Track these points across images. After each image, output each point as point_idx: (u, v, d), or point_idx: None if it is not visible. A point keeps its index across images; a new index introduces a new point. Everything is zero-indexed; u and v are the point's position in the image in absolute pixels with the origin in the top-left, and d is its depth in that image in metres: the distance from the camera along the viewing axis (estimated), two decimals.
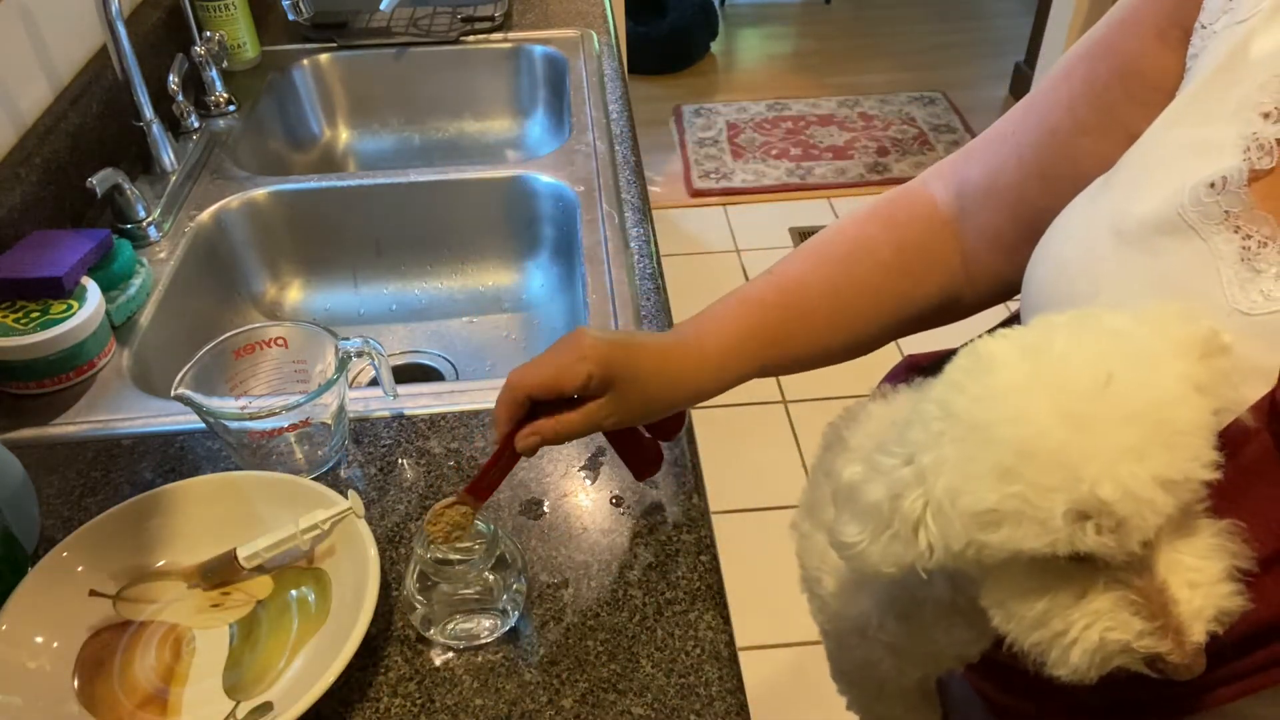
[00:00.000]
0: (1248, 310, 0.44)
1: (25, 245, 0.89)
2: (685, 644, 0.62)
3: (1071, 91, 0.58)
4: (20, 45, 1.02)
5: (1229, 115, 0.47)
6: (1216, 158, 0.47)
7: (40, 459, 0.77)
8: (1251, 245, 0.45)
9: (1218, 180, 0.46)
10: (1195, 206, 0.47)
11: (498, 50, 1.47)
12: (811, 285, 0.66)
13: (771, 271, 0.67)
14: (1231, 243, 0.46)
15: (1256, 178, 0.46)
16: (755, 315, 0.64)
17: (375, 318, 1.21)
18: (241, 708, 0.59)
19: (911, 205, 0.68)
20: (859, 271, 0.66)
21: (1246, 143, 0.46)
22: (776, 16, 4.27)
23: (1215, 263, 0.46)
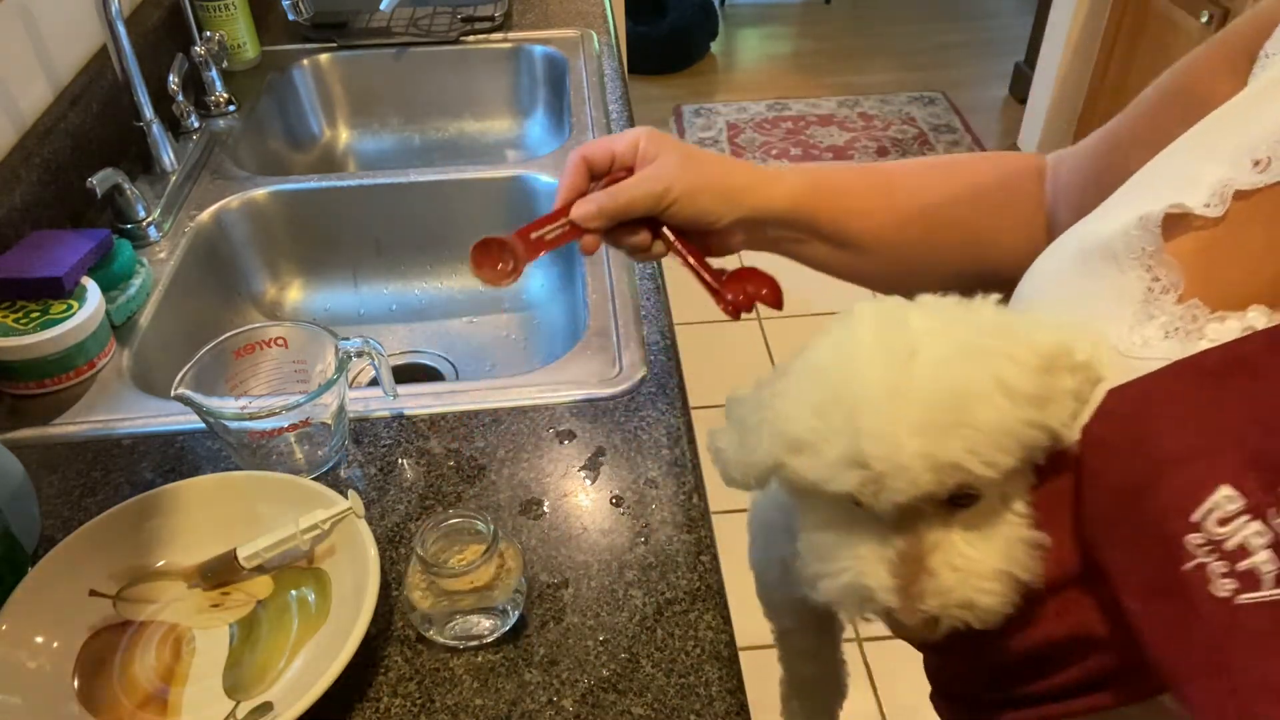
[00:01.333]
0: (1125, 351, 0.46)
1: (25, 245, 0.89)
2: (685, 644, 0.62)
3: (1142, 105, 0.58)
4: (20, 45, 1.02)
5: (1228, 154, 0.46)
6: (1184, 194, 0.46)
7: (40, 459, 0.77)
8: (1155, 289, 0.46)
9: (1147, 215, 0.47)
10: (1124, 238, 0.47)
11: (498, 50, 1.47)
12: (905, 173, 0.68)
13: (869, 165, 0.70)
14: (1141, 281, 0.47)
15: (1196, 224, 0.46)
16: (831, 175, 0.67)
17: (375, 318, 1.21)
18: (241, 708, 0.59)
19: (1022, 165, 0.68)
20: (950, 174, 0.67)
21: (1218, 187, 0.45)
22: (776, 16, 4.27)
23: (1124, 297, 0.47)
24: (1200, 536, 0.38)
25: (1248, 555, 0.37)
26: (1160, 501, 0.40)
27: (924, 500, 0.43)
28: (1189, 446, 0.40)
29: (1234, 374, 0.40)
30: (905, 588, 0.44)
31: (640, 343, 0.87)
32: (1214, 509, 0.38)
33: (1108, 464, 0.43)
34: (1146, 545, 0.41)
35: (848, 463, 0.43)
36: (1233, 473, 0.38)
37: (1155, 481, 0.41)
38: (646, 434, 0.78)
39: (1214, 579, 0.38)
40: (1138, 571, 0.41)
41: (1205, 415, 0.40)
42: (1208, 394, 0.41)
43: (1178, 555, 0.39)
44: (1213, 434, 0.40)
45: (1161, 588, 0.40)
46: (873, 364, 0.44)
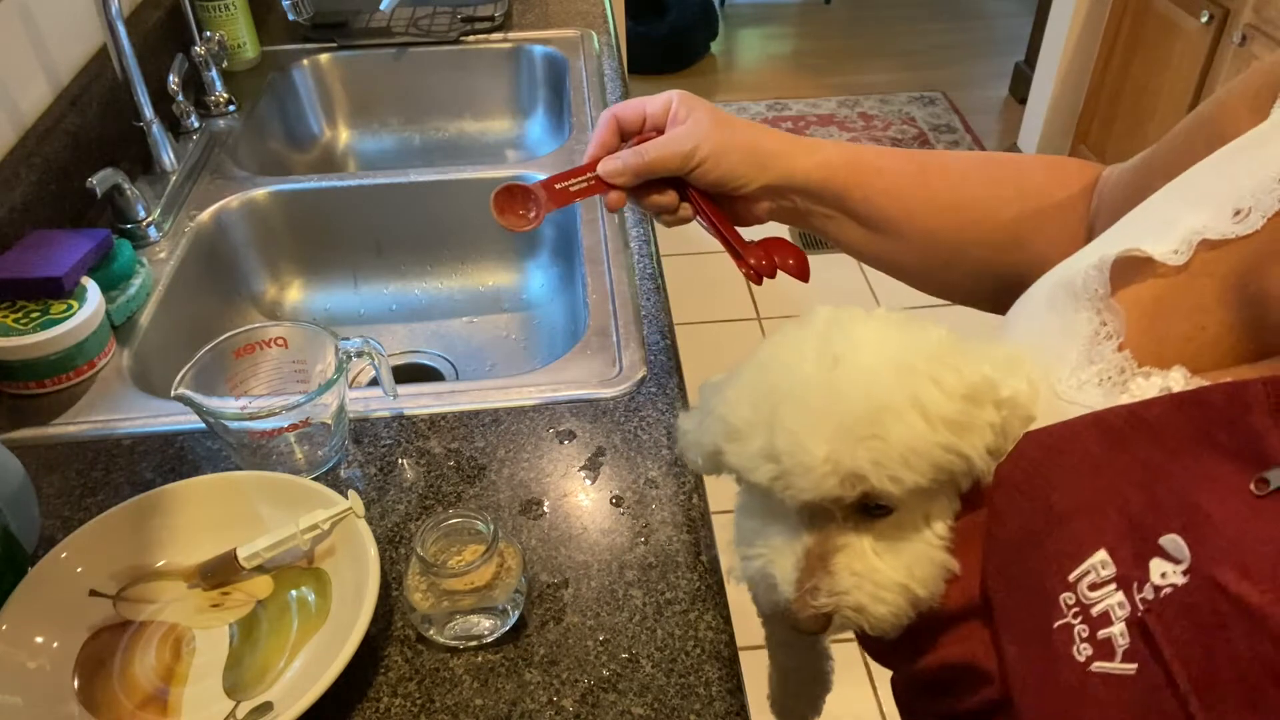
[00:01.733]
0: (1061, 393, 0.46)
1: (25, 245, 0.89)
2: (685, 644, 0.62)
3: (1174, 136, 0.56)
4: (20, 45, 1.02)
5: (1214, 200, 0.45)
6: (1159, 238, 0.45)
7: (40, 459, 0.77)
8: (1101, 334, 0.46)
9: (1103, 257, 0.46)
10: (1084, 276, 0.47)
11: (498, 50, 1.47)
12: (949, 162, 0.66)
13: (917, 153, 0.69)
14: (1091, 323, 0.47)
15: (1159, 270, 0.45)
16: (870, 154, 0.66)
17: (375, 318, 1.21)
18: (241, 708, 0.59)
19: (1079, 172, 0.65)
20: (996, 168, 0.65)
21: (1191, 234, 0.44)
22: (776, 16, 4.27)
23: (1073, 337, 0.47)
24: (1072, 596, 0.39)
25: (1108, 625, 0.38)
26: (1045, 555, 0.41)
27: (833, 503, 0.45)
28: (1078, 504, 0.41)
29: (1133, 436, 0.40)
30: (802, 581, 0.46)
31: (640, 343, 0.87)
32: (1089, 572, 0.39)
33: (1009, 506, 0.44)
34: (1027, 594, 0.42)
35: (764, 455, 0.44)
36: (1112, 537, 0.39)
37: (1044, 534, 0.42)
38: (646, 434, 0.78)
39: (1076, 641, 0.39)
40: (1016, 617, 0.42)
41: (1100, 474, 0.41)
42: (1106, 452, 0.41)
43: (1051, 611, 0.40)
44: (1101, 494, 0.40)
45: (1033, 638, 0.41)
46: (804, 364, 0.45)
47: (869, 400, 0.43)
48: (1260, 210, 0.43)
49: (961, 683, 0.47)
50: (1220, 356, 0.43)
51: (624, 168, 0.64)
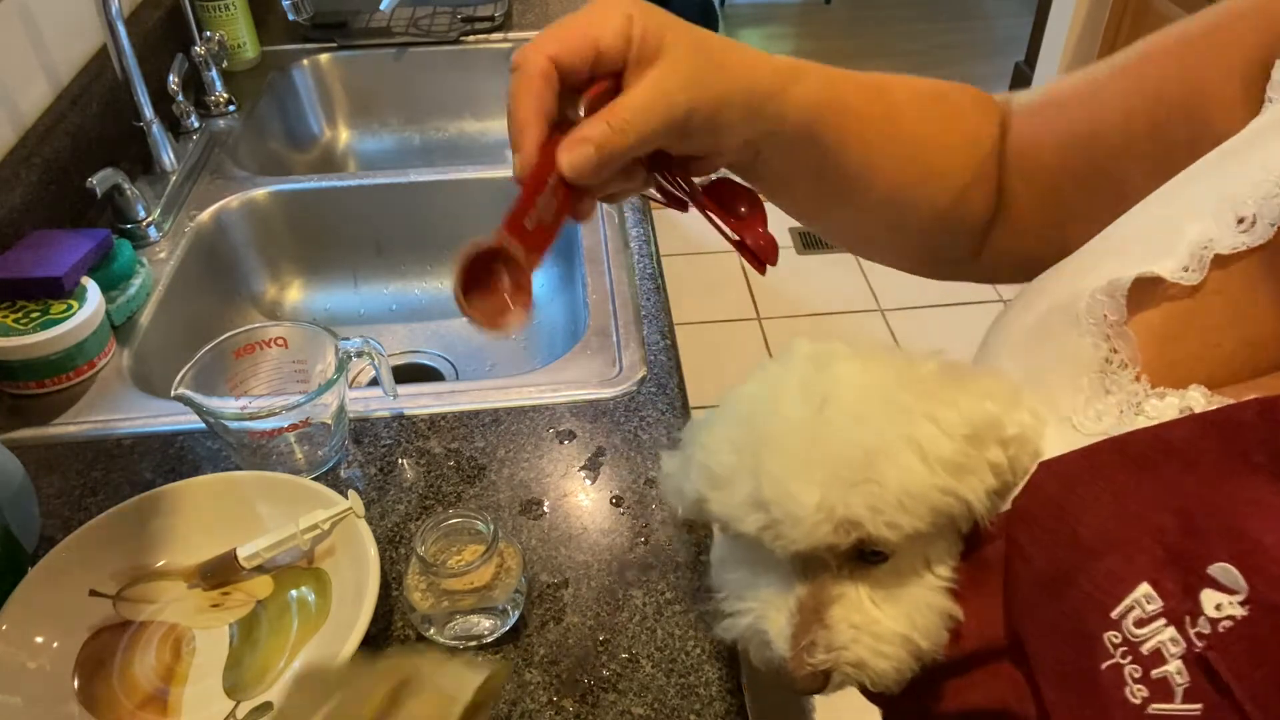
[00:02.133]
0: (1077, 425, 0.44)
1: (25, 245, 0.89)
2: (685, 644, 0.62)
3: (1134, 96, 0.50)
4: (20, 45, 1.02)
5: (1211, 205, 0.42)
6: (1163, 255, 0.43)
7: (40, 459, 0.77)
8: (1113, 362, 0.43)
9: (1115, 280, 0.43)
10: (1090, 301, 0.44)
11: (498, 50, 1.47)
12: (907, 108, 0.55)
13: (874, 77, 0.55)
14: (1099, 350, 0.44)
15: (1171, 292, 0.42)
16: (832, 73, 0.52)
17: (375, 318, 1.21)
18: (241, 708, 0.59)
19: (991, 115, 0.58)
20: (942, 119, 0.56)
21: (1198, 249, 0.41)
22: (776, 16, 4.27)
23: (1081, 366, 0.44)
24: (1118, 635, 0.37)
25: (1162, 663, 0.35)
26: (1081, 592, 0.38)
27: (826, 551, 0.42)
28: (1108, 536, 0.38)
29: (1159, 461, 0.38)
30: (797, 637, 0.43)
31: (640, 343, 0.87)
32: (1133, 608, 0.37)
33: (1033, 542, 0.41)
34: (1065, 635, 0.39)
35: (751, 504, 0.42)
36: (1152, 570, 0.37)
37: (1077, 570, 0.39)
38: (646, 434, 0.78)
39: (1129, 683, 0.36)
40: (1055, 659, 0.40)
41: (1127, 502, 0.38)
42: (1130, 479, 0.39)
43: (1095, 651, 0.37)
44: (1132, 524, 0.38)
45: (1077, 682, 0.38)
46: (788, 406, 0.43)
47: (860, 443, 0.40)
48: (1267, 218, 0.40)
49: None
50: (1235, 371, 0.41)
51: (599, 156, 0.43)
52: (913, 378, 0.44)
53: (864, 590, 0.43)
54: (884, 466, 0.40)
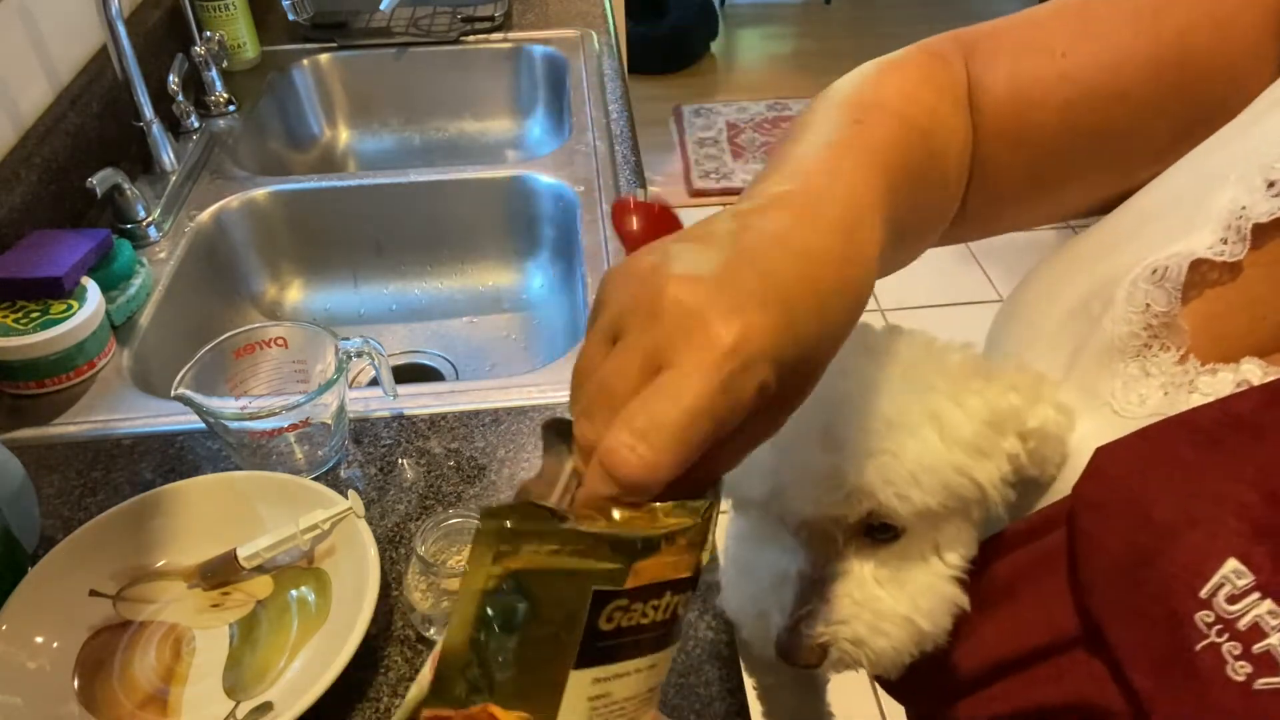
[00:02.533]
0: (1119, 410, 0.43)
1: (25, 245, 0.89)
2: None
3: (1158, 44, 0.45)
4: (20, 45, 1.02)
5: (1238, 173, 0.41)
6: (1195, 230, 0.41)
7: (40, 459, 0.77)
8: (1154, 346, 0.43)
9: (1160, 268, 0.42)
10: (1130, 288, 0.43)
11: (498, 50, 1.47)
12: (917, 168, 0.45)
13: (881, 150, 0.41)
14: (1137, 338, 0.43)
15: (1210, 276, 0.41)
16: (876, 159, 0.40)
17: (375, 318, 1.21)
18: (241, 708, 0.59)
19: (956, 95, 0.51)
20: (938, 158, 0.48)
21: (1231, 219, 0.40)
22: (776, 16, 4.27)
23: (1114, 352, 0.44)
24: (1210, 614, 0.36)
25: (1263, 637, 0.35)
26: (1164, 574, 0.37)
27: (833, 523, 0.42)
28: (1185, 514, 0.38)
29: (1231, 434, 0.38)
30: (797, 608, 0.42)
31: None
32: (1223, 584, 0.36)
33: (1103, 528, 0.40)
34: (1153, 620, 0.38)
35: (760, 470, 0.41)
36: (1238, 544, 0.36)
37: (1156, 551, 0.38)
38: None
39: (1228, 661, 0.35)
40: (1145, 647, 0.38)
41: (1201, 479, 0.38)
42: (1201, 454, 0.38)
43: (1188, 634, 0.36)
44: (1210, 499, 0.37)
45: (1172, 667, 0.37)
46: None
47: (881, 414, 0.40)
48: None
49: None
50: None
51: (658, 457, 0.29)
52: (940, 362, 0.44)
53: (869, 568, 0.43)
54: (902, 439, 0.40)
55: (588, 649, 0.31)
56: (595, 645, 0.31)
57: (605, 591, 0.31)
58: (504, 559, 0.30)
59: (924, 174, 0.44)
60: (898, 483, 0.40)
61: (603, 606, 0.31)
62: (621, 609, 0.31)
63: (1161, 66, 0.45)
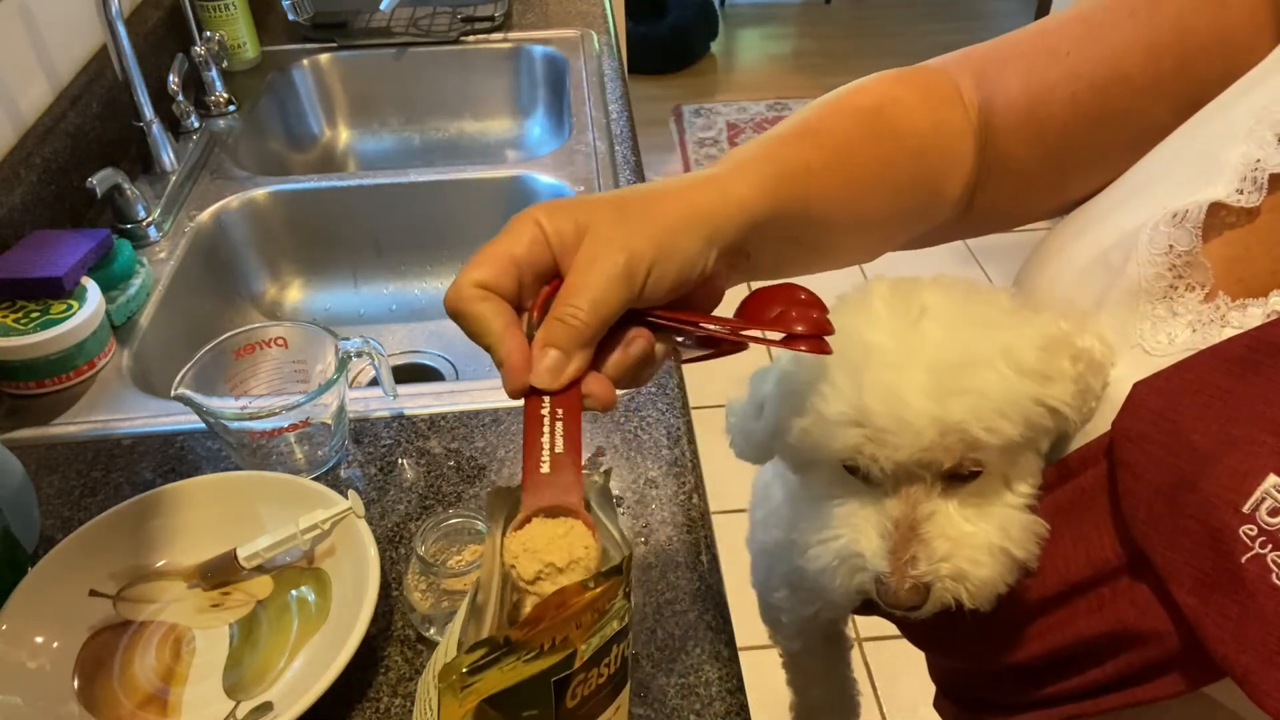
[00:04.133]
0: (1150, 349, 0.45)
1: (25, 245, 0.89)
2: (685, 644, 0.62)
3: (1155, 32, 0.48)
4: (20, 45, 1.02)
5: (1246, 129, 0.43)
6: (1211, 181, 0.44)
7: (40, 459, 0.77)
8: (1180, 287, 0.45)
9: (1180, 211, 0.44)
10: (1152, 233, 0.45)
11: (498, 50, 1.47)
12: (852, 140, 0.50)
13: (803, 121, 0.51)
14: (1162, 279, 0.45)
15: (1228, 220, 0.43)
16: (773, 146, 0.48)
17: (375, 318, 1.21)
18: (241, 708, 0.59)
19: (944, 94, 0.54)
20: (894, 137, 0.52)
21: (1246, 170, 0.42)
22: (776, 16, 4.27)
23: (1141, 295, 0.46)
24: (1253, 527, 0.38)
25: None
26: (1205, 494, 0.39)
27: (924, 466, 0.43)
28: (1225, 437, 0.39)
29: (1262, 361, 0.40)
30: (896, 552, 0.44)
31: None
32: (1264, 499, 0.38)
33: (1144, 458, 0.42)
34: (1197, 539, 0.40)
35: (848, 420, 0.43)
36: (1277, 461, 0.38)
37: (1197, 474, 0.40)
38: (646, 434, 0.78)
39: (1274, 569, 0.37)
40: (1190, 566, 0.40)
41: (1238, 404, 0.40)
42: (1236, 382, 0.40)
43: (1232, 548, 0.38)
44: (1248, 423, 0.39)
45: (1218, 581, 0.39)
46: (879, 328, 0.44)
47: (958, 353, 0.42)
48: None
49: (1093, 655, 0.46)
50: None
51: (563, 353, 0.40)
52: (994, 300, 0.46)
53: (953, 507, 0.44)
54: (984, 375, 0.42)
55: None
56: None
57: (562, 679, 0.35)
58: (469, 698, 0.34)
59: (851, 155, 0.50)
60: (986, 418, 0.42)
61: (564, 690, 0.35)
62: (580, 683, 0.35)
63: (1160, 50, 0.48)
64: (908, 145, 0.52)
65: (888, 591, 0.44)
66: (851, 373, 0.43)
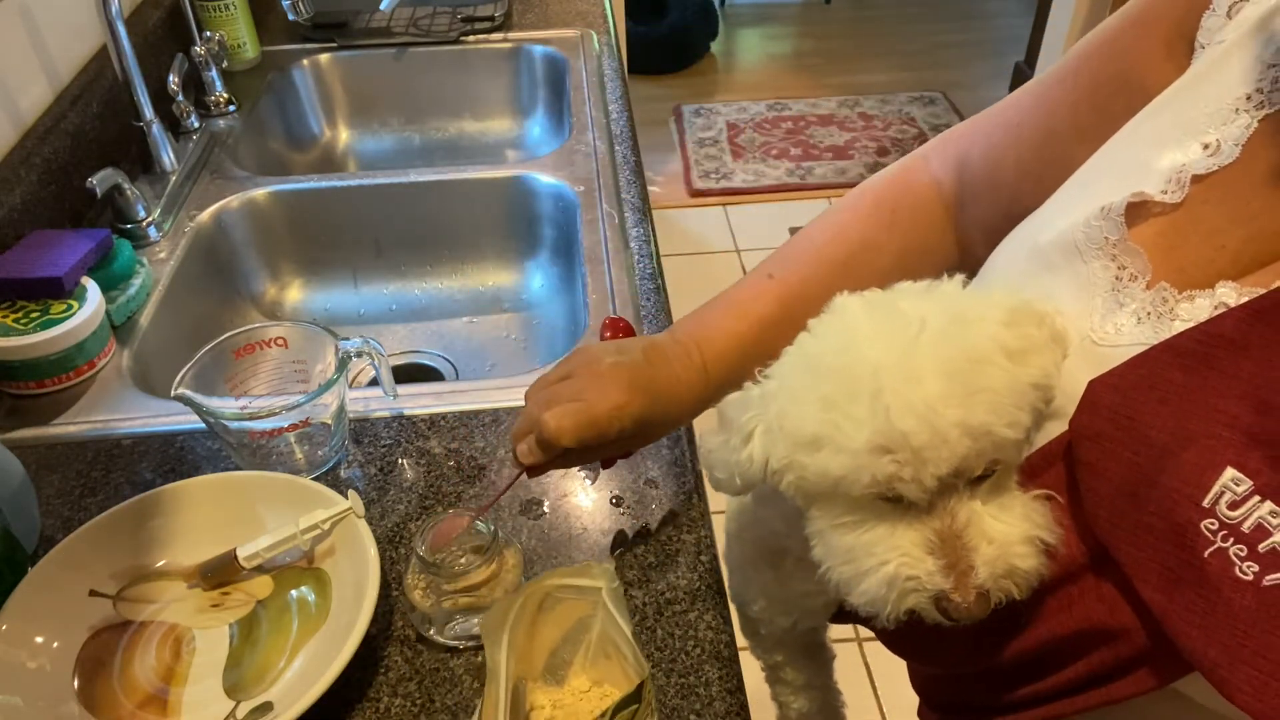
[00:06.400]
0: (1099, 340, 0.46)
1: (25, 245, 0.89)
2: (685, 644, 0.62)
3: (1077, 91, 0.56)
4: (20, 45, 1.02)
5: (1173, 138, 0.46)
6: (1140, 183, 0.46)
7: (40, 459, 0.77)
8: (1123, 277, 0.46)
9: (1107, 206, 0.46)
10: (1086, 228, 0.47)
11: (498, 50, 1.47)
12: (813, 296, 0.59)
13: (771, 276, 0.65)
14: (1108, 270, 0.46)
15: (1155, 210, 0.45)
16: (754, 331, 0.63)
17: (375, 318, 1.21)
18: (241, 708, 0.59)
19: (915, 202, 0.65)
20: (861, 278, 0.59)
21: (1173, 174, 0.45)
22: (776, 16, 4.27)
23: (1090, 288, 0.47)
24: (1214, 521, 0.38)
25: (1268, 536, 0.37)
26: (1166, 490, 0.40)
27: (957, 476, 0.43)
28: (1181, 432, 0.40)
29: (1215, 354, 0.40)
30: (953, 566, 0.43)
31: None
32: (1223, 492, 0.38)
33: (1104, 456, 0.43)
34: (1159, 534, 0.40)
35: (877, 448, 0.42)
36: (1234, 454, 0.38)
37: (1157, 470, 0.40)
38: None
39: (1236, 563, 0.37)
40: (1154, 562, 0.41)
41: (1192, 398, 0.40)
42: (1190, 376, 0.41)
43: (1194, 542, 0.39)
44: (1203, 416, 0.40)
45: (1182, 577, 0.39)
46: (876, 346, 0.43)
47: (964, 356, 0.42)
48: (1230, 140, 0.44)
49: (1065, 654, 0.46)
50: (1246, 266, 0.44)
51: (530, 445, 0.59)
52: (960, 296, 0.46)
53: (977, 507, 0.44)
54: (989, 370, 0.42)
55: None
56: None
57: None
58: None
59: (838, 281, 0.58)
60: (1005, 413, 0.42)
61: None
62: None
63: (1080, 104, 0.56)
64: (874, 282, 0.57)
65: (955, 608, 0.43)
66: (867, 397, 0.42)
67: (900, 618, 0.45)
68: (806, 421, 0.44)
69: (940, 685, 0.58)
